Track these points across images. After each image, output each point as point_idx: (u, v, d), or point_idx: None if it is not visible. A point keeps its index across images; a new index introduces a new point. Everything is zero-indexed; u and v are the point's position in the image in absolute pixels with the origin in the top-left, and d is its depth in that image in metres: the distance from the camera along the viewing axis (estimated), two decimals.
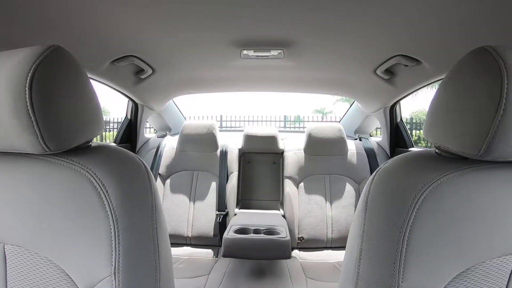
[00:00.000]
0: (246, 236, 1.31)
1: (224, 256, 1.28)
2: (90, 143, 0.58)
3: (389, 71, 1.41)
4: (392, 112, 1.85)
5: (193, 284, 1.31)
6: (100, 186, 0.49)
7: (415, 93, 1.63)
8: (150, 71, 1.47)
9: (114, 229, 0.48)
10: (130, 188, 0.52)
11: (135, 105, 1.88)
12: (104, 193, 0.49)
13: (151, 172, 0.58)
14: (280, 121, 10.91)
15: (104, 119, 2.03)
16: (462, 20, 0.86)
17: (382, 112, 1.87)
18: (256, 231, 1.38)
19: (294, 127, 11.04)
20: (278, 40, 1.15)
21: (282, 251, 1.27)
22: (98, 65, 1.26)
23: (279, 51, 1.24)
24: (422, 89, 1.48)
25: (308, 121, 10.81)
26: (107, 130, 10.71)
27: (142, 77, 1.53)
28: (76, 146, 0.52)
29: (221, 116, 10.23)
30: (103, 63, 1.26)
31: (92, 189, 0.49)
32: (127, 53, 1.25)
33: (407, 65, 1.25)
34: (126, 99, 1.85)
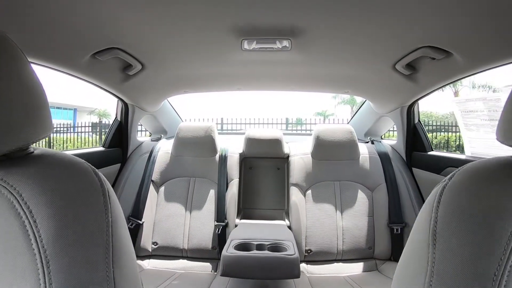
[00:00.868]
0: (248, 254, 1.15)
1: (223, 275, 1.12)
2: (30, 150, 0.41)
3: (411, 66, 1.26)
4: (410, 112, 1.70)
5: None
6: (25, 213, 0.34)
7: None
8: (139, 67, 1.33)
9: (44, 275, 0.34)
10: (72, 216, 0.36)
11: (125, 105, 1.73)
12: (30, 223, 0.34)
13: (111, 191, 0.42)
14: (282, 123, 10.77)
15: (104, 122, 1.89)
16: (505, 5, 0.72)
17: (398, 113, 1.73)
18: (260, 247, 1.22)
19: (297, 130, 10.89)
20: (284, 28, 1.01)
21: (290, 270, 1.11)
22: (77, 58, 1.11)
23: (286, 42, 1.09)
24: None
25: (310, 123, 10.63)
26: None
27: (130, 73, 1.38)
28: (4, 154, 0.37)
29: (221, 119, 10.05)
30: (83, 56, 1.11)
31: (13, 217, 0.34)
32: (109, 45, 1.10)
33: (434, 58, 1.11)
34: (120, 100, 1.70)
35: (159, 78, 1.51)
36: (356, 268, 1.52)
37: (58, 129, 10.69)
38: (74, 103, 18.92)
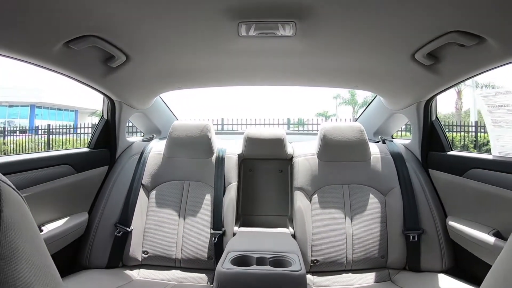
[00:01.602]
0: (247, 270, 0.99)
1: None
2: None
3: (433, 55, 1.13)
4: (428, 108, 1.54)
5: None
6: None
7: None
8: (122, 58, 1.20)
9: None
10: None
11: (111, 102, 1.59)
12: None
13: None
14: (283, 124, 10.63)
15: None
16: None
17: (414, 109, 1.57)
18: (260, 261, 1.06)
19: (298, 130, 10.73)
20: (287, 8, 0.89)
21: None
22: (46, 48, 0.98)
23: (289, 26, 0.97)
24: None
25: (312, 124, 10.47)
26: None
27: (113, 65, 1.24)
28: None
29: (222, 119, 9.91)
30: (54, 45, 0.98)
31: None
32: (84, 32, 0.97)
33: (462, 45, 0.99)
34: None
35: (147, 71, 1.38)
36: (368, 278, 1.38)
37: (59, 130, 10.65)
38: (76, 104, 19.00)
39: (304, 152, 1.63)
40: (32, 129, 12.03)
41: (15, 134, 11.55)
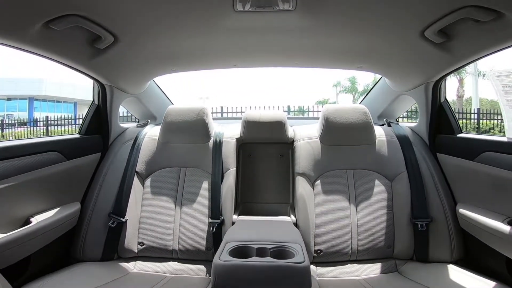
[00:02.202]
0: (247, 262, 0.93)
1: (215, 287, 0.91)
2: None
3: (444, 32, 1.07)
4: (437, 89, 1.46)
5: None
6: None
7: None
8: (110, 39, 1.12)
9: None
10: None
11: (101, 86, 1.51)
12: None
13: None
14: (284, 111, 10.49)
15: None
16: None
17: (422, 90, 1.49)
18: (261, 252, 1.00)
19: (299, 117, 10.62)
20: None
21: (298, 282, 0.90)
22: (24, 28, 0.91)
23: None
24: None
25: (312, 111, 10.35)
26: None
27: (101, 47, 1.17)
28: None
29: (221, 107, 9.80)
30: (32, 25, 0.92)
31: None
32: (66, 11, 0.91)
33: (478, 21, 0.94)
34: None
35: (138, 53, 1.31)
36: (373, 269, 1.32)
37: (57, 122, 10.62)
38: (75, 96, 18.96)
39: (306, 135, 1.56)
40: (31, 121, 12.05)
41: (14, 127, 11.57)
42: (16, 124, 11.82)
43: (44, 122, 10.82)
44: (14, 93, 17.79)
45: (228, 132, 1.59)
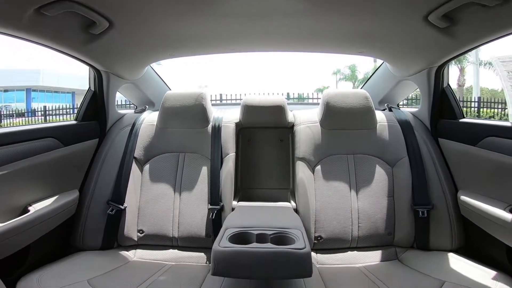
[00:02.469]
0: (247, 248, 0.91)
1: (215, 275, 0.89)
2: None
3: (448, 17, 1.04)
4: (440, 74, 1.43)
5: None
6: None
7: None
8: (105, 24, 1.09)
9: None
10: None
11: (97, 72, 1.47)
12: None
13: None
14: None
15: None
16: None
17: (424, 75, 1.47)
18: (261, 238, 0.98)
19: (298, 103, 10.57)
20: None
21: (299, 268, 0.88)
22: (15, 14, 0.89)
23: None
24: None
25: (312, 98, 10.27)
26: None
27: (95, 32, 1.14)
28: None
29: (220, 95, 9.71)
30: (24, 11, 0.89)
31: None
32: None
33: (484, 5, 0.92)
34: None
35: (134, 38, 1.28)
36: (373, 257, 1.32)
37: (56, 111, 10.60)
38: (72, 86, 18.80)
39: (306, 119, 1.54)
40: (29, 112, 12.00)
41: (12, 117, 11.54)
42: (14, 115, 11.77)
43: (42, 112, 10.78)
44: (11, 85, 17.64)
45: (227, 117, 1.56)
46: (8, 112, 11.95)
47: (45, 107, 10.83)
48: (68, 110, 10.83)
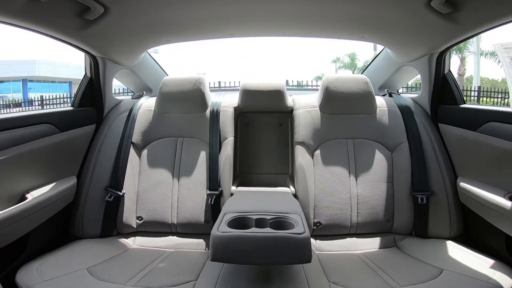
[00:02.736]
0: (246, 233, 0.90)
1: (214, 260, 0.88)
2: None
3: (450, 2, 1.03)
4: (441, 60, 1.42)
5: None
6: None
7: None
8: (100, 9, 1.08)
9: None
10: None
11: (93, 59, 1.45)
12: None
13: None
14: None
15: None
16: None
17: (425, 61, 1.45)
18: (260, 223, 0.98)
19: (297, 88, 10.49)
20: None
21: (299, 253, 0.87)
22: (9, 1, 0.88)
23: None
24: None
25: (311, 86, 10.18)
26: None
27: (90, 18, 1.12)
28: None
29: (219, 82, 9.60)
30: None
31: None
32: None
33: None
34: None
35: (129, 23, 1.26)
36: (372, 244, 1.32)
37: (53, 101, 10.55)
38: (69, 76, 18.64)
39: (305, 104, 1.52)
40: (26, 102, 11.93)
41: (9, 108, 11.45)
42: (11, 105, 11.68)
43: (39, 102, 10.70)
44: (7, 75, 17.44)
45: (225, 101, 1.54)
46: (4, 103, 11.84)
47: (42, 96, 10.74)
48: (65, 99, 10.74)
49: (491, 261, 1.03)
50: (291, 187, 1.46)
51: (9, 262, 1.08)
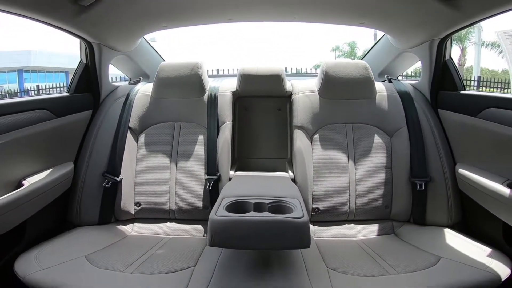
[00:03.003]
0: (244, 217, 0.89)
1: (212, 245, 0.87)
2: None
3: None
4: (442, 47, 1.39)
5: (170, 284, 0.94)
6: None
7: None
8: None
9: None
10: None
11: (89, 45, 1.42)
12: None
13: None
14: None
15: None
16: None
17: (426, 47, 1.43)
18: (258, 207, 0.97)
19: (296, 74, 10.39)
20: None
21: (297, 238, 0.86)
22: None
23: None
24: None
25: (310, 74, 10.10)
26: None
27: (85, 3, 1.09)
28: None
29: (217, 70, 9.50)
30: None
31: None
32: None
33: None
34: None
35: (125, 9, 1.24)
36: (370, 230, 1.32)
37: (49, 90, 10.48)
38: (65, 66, 18.46)
39: (304, 88, 1.50)
40: (22, 92, 11.91)
41: (5, 98, 11.39)
42: (7, 95, 11.60)
43: (36, 92, 10.64)
44: (2, 66, 17.24)
45: (224, 86, 1.52)
46: (1, 93, 11.75)
47: (38, 86, 10.66)
48: (62, 88, 10.67)
49: (488, 250, 1.03)
50: (289, 171, 1.45)
51: (7, 251, 1.07)
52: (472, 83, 9.67)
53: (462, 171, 1.24)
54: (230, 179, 1.38)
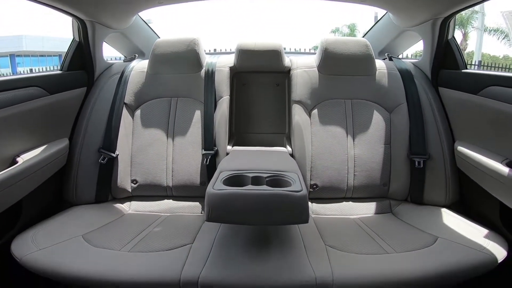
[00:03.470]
0: (242, 190, 0.87)
1: (209, 220, 0.85)
2: None
3: None
4: (445, 26, 1.36)
5: (167, 262, 0.92)
6: None
7: None
8: None
9: None
10: None
11: (81, 22, 1.37)
12: None
13: None
14: None
15: None
16: None
17: (428, 26, 1.39)
18: (256, 181, 0.95)
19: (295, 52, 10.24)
20: None
21: (296, 213, 0.84)
22: None
23: None
24: None
25: (310, 53, 9.97)
26: None
27: None
28: None
29: (215, 49, 9.34)
30: None
31: None
32: None
33: None
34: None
35: None
36: (368, 208, 1.32)
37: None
38: (59, 49, 18.15)
39: (303, 64, 1.47)
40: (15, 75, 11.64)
41: None
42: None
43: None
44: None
45: (221, 62, 1.49)
46: None
47: (31, 69, 10.46)
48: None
49: (485, 231, 1.03)
50: (287, 146, 1.43)
51: (4, 232, 1.06)
52: (472, 67, 9.62)
53: (461, 148, 1.23)
54: (227, 154, 1.36)
